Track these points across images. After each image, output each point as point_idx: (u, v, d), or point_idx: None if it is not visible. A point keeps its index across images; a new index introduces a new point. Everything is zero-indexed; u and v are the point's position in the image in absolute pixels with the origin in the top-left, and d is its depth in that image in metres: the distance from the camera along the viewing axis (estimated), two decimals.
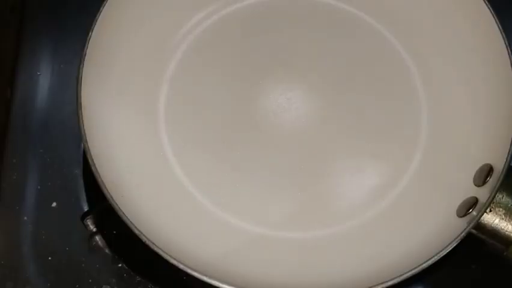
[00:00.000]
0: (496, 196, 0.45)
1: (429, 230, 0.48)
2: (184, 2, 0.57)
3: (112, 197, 0.44)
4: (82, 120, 0.46)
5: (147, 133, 0.53)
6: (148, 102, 0.54)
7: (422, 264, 0.43)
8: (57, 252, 0.51)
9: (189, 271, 0.42)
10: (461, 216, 0.47)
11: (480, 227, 0.46)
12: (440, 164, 0.52)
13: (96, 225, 0.51)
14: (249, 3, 0.59)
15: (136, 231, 0.43)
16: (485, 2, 0.50)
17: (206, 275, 0.42)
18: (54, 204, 0.53)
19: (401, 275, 0.43)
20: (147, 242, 0.43)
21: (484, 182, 0.47)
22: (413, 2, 0.57)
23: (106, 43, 0.50)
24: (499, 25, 0.49)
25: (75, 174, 0.54)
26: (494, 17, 0.50)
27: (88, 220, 0.50)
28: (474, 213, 0.45)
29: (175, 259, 0.42)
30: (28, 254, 0.51)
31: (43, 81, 0.57)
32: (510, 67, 0.48)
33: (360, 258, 0.48)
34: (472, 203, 0.46)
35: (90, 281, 0.50)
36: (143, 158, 0.52)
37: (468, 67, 0.53)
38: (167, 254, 0.42)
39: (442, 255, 0.43)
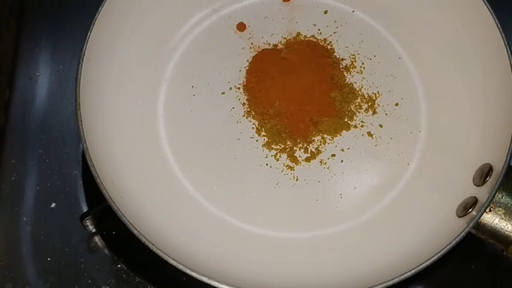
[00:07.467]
0: (496, 196, 0.45)
1: (429, 230, 0.48)
2: (183, 3, 0.57)
3: (110, 198, 0.44)
4: (81, 121, 0.46)
5: (146, 133, 0.53)
6: (147, 102, 0.54)
7: (422, 264, 0.43)
8: (56, 252, 0.51)
9: (188, 271, 0.42)
10: (460, 216, 0.47)
11: (480, 226, 0.46)
12: (439, 164, 0.52)
13: (95, 225, 0.51)
14: (249, 4, 0.59)
15: (135, 232, 0.43)
16: (484, 1, 0.50)
17: (205, 276, 0.42)
18: (53, 204, 0.53)
19: (401, 275, 0.43)
20: (146, 243, 0.43)
21: (484, 182, 0.47)
22: (412, 2, 0.57)
23: (105, 44, 0.51)
24: (499, 25, 0.49)
25: (74, 175, 0.54)
26: (493, 17, 0.50)
27: (87, 221, 0.50)
28: (474, 213, 0.45)
29: (174, 260, 0.42)
30: (28, 254, 0.51)
31: (42, 82, 0.57)
32: (510, 67, 0.48)
33: (361, 258, 0.48)
34: (472, 202, 0.46)
35: (89, 281, 0.50)
36: (142, 158, 0.51)
37: (467, 67, 0.53)
38: (166, 254, 0.42)
39: (442, 255, 0.43)
